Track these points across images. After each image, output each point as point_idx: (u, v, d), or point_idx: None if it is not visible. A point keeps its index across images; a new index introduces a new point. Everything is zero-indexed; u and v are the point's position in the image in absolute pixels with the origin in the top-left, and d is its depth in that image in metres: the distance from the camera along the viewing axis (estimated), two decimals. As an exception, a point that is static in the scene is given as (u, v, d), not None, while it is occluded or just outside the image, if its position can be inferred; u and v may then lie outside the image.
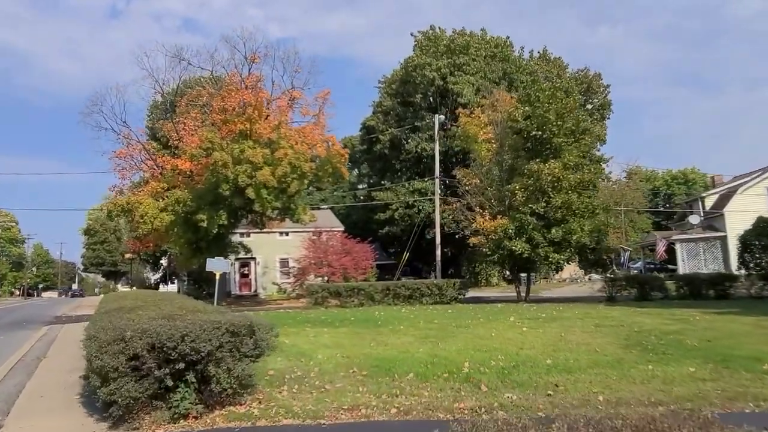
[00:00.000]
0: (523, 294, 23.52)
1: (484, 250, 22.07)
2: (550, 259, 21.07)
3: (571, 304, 20.03)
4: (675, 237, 35.90)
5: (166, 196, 26.41)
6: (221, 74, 30.10)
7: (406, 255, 33.71)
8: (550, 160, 21.65)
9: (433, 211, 39.08)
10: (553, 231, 20.94)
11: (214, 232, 24.96)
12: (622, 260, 41.75)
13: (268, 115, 25.59)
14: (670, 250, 37.67)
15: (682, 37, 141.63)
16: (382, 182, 46.11)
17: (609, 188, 46.12)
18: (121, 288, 68.29)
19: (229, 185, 24.28)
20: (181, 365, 6.16)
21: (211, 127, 24.80)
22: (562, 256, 21.07)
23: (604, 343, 10.46)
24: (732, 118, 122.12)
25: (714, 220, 35.97)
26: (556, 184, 21.20)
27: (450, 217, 39.58)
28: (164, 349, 6.10)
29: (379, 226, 45.50)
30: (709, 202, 37.75)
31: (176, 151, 27.32)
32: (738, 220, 34.02)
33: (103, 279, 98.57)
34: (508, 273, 43.71)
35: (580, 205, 21.49)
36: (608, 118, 47.06)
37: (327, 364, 9.35)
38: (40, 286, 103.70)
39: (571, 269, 52.08)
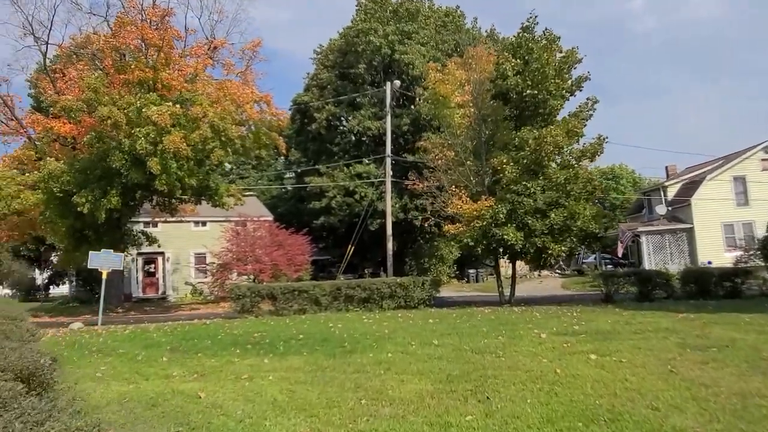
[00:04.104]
0: (506, 294, 18.98)
1: (465, 240, 17.29)
2: (549, 251, 16.62)
3: (576, 308, 15.73)
4: (640, 229, 33.10)
5: (38, 169, 19.58)
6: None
7: (350, 249, 28.47)
8: (546, 127, 17.26)
9: (378, 198, 34.20)
10: (553, 215, 16.53)
11: (103, 217, 18.52)
12: (577, 254, 38.72)
13: (178, 62, 19.41)
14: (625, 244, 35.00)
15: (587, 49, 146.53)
16: (317, 167, 40.44)
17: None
18: (2, 290, 57.64)
19: (124, 154, 17.99)
20: None
21: (98, 74, 18.25)
22: (562, 247, 16.70)
23: (788, 393, 5.87)
24: (629, 123, 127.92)
25: (678, 210, 33.54)
26: (555, 156, 16.85)
27: (397, 205, 34.98)
28: None
29: (312, 217, 39.85)
30: (671, 192, 35.36)
31: (51, 110, 20.44)
32: (705, 210, 31.81)
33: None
34: (457, 270, 39.73)
35: (579, 182, 17.31)
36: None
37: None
38: None
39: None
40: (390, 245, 27.40)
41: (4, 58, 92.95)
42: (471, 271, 40.54)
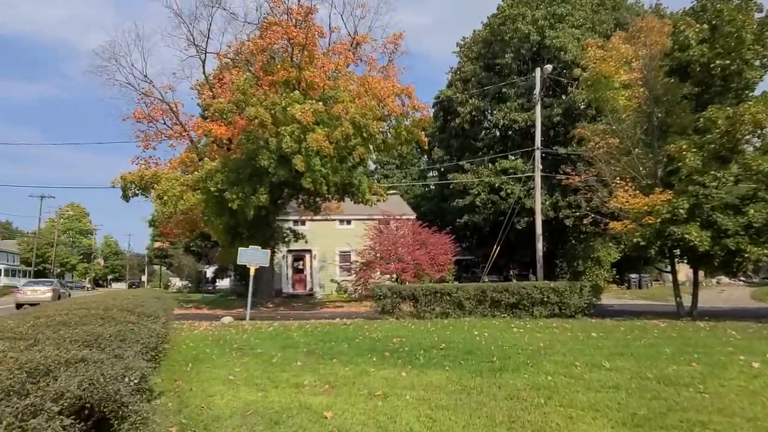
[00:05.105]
0: (686, 305, 16.02)
1: (635, 239, 14.82)
2: (745, 254, 13.56)
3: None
4: None
5: (198, 170, 20.87)
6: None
7: (495, 249, 26.70)
8: (742, 103, 14.16)
9: (526, 195, 31.90)
10: (751, 212, 13.44)
11: (252, 215, 19.11)
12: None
13: (321, 60, 19.40)
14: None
15: None
16: (460, 163, 39.06)
17: None
18: (178, 283, 64.89)
19: (271, 153, 18.36)
20: None
21: (247, 76, 18.85)
22: (765, 250, 13.54)
23: None
24: None
25: None
26: (753, 139, 13.74)
27: (547, 202, 32.36)
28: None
29: (455, 216, 38.60)
30: None
31: (206, 113, 21.70)
32: None
33: (168, 271, 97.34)
34: (616, 274, 35.79)
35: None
36: None
37: None
38: (110, 277, 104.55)
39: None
40: (540, 245, 25.17)
41: (172, 67, 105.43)
42: (633, 275, 36.45)
